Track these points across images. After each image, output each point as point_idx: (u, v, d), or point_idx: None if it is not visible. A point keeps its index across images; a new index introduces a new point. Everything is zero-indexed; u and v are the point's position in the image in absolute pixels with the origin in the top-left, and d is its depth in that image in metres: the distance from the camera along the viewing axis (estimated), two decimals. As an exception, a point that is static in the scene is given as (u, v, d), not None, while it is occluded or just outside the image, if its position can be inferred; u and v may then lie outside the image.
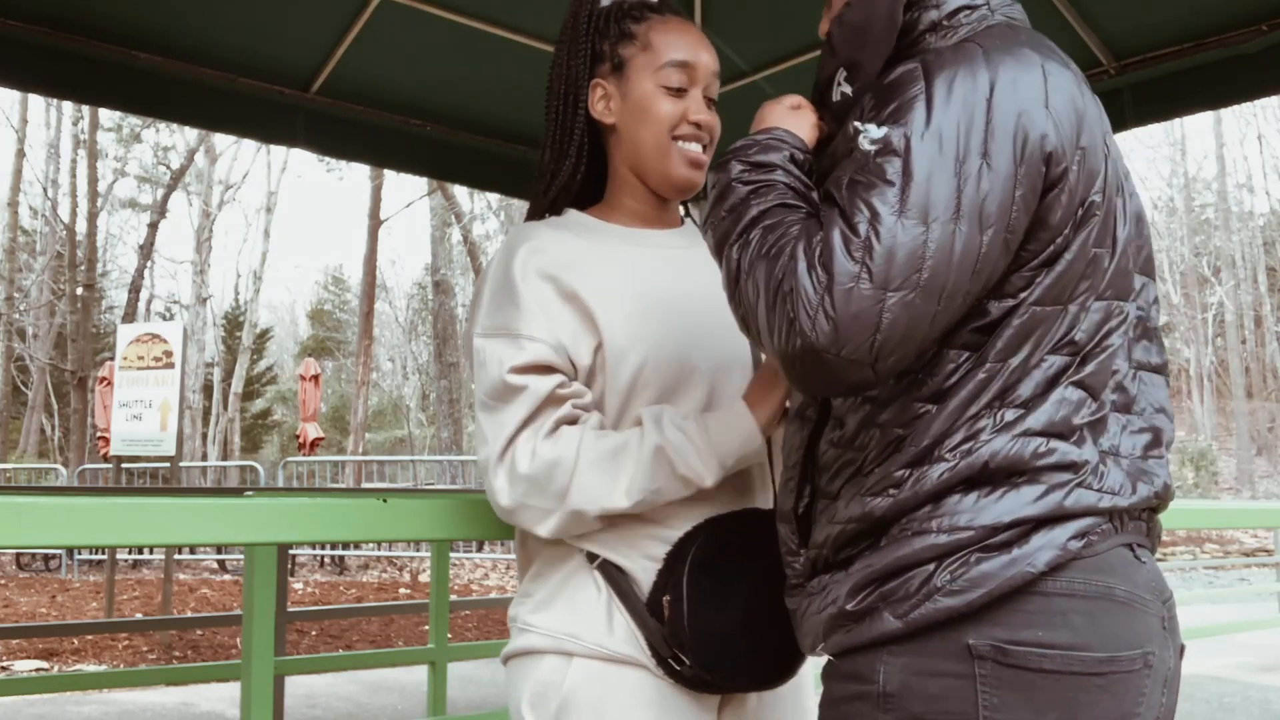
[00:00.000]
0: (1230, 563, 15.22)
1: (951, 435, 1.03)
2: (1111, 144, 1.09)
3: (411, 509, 1.41)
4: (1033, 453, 1.02)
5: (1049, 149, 0.99)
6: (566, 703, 1.29)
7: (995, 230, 0.97)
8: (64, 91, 5.17)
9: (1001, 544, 1.00)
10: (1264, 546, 16.43)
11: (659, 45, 1.41)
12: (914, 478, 1.04)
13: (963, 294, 0.98)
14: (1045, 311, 1.03)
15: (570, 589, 1.34)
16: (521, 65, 3.60)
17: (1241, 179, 35.99)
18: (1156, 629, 1.05)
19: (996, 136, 0.98)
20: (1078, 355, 1.05)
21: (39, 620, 8.86)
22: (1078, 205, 1.02)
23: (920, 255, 0.94)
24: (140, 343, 9.15)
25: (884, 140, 0.99)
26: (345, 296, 36.79)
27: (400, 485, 13.91)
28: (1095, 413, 1.07)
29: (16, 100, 22.31)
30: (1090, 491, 1.04)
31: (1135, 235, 1.13)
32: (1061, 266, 1.02)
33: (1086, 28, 3.19)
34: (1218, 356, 33.05)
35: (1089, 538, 1.02)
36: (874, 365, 0.95)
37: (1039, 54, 1.04)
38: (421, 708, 5.66)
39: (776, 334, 0.97)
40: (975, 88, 0.99)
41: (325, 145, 3.88)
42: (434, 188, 21.72)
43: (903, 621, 1.01)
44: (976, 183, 0.96)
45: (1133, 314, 1.12)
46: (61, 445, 26.06)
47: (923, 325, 0.96)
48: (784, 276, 0.97)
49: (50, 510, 1.13)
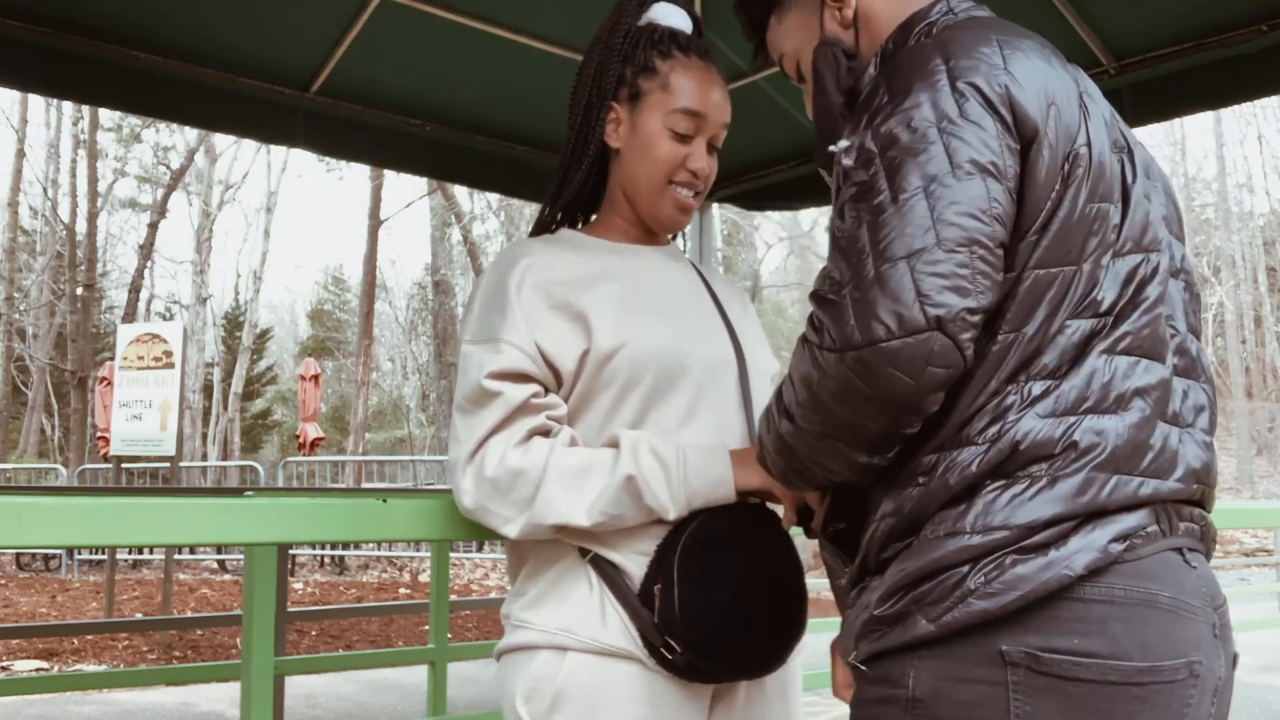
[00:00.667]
0: (1230, 563, 15.22)
1: (978, 416, 1.00)
2: (1095, 105, 1.08)
3: (411, 509, 1.41)
4: (1065, 433, 0.98)
5: (1018, 105, 1.00)
6: (560, 696, 1.31)
7: (995, 177, 0.97)
8: (64, 91, 5.17)
9: (1038, 545, 0.97)
10: (1264, 546, 16.44)
11: (676, 88, 1.45)
12: (944, 465, 1.01)
13: (990, 240, 0.96)
14: (1051, 274, 1.00)
15: (563, 585, 1.36)
16: (522, 65, 3.60)
17: (1241, 179, 36.01)
18: (1206, 637, 1.01)
19: (968, 100, 0.99)
20: (1109, 316, 1.02)
21: (39, 620, 8.86)
22: (1061, 160, 1.01)
23: (928, 213, 0.94)
24: (140, 343, 9.15)
25: (856, 147, 1.01)
26: (345, 296, 36.79)
27: (400, 485, 13.90)
28: (1157, 377, 1.03)
29: (16, 100, 22.32)
30: (1131, 478, 1.00)
31: (1155, 193, 1.13)
32: (1058, 225, 1.00)
33: (1086, 28, 3.19)
34: (1218, 356, 33.02)
35: (1131, 540, 0.99)
36: (942, 329, 0.92)
37: (994, 32, 1.06)
38: (421, 708, 5.66)
39: (830, 381, 0.96)
40: (935, 72, 1.01)
41: (325, 145, 3.88)
42: (434, 188, 21.72)
43: (935, 625, 0.98)
44: (963, 138, 0.97)
45: (1164, 265, 1.08)
46: (61, 445, 26.06)
47: (962, 274, 0.93)
48: (806, 347, 0.99)
49: (50, 510, 1.13)
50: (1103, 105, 1.10)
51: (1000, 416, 0.99)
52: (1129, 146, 1.10)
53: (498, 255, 1.46)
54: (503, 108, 3.89)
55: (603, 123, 1.47)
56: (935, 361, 0.93)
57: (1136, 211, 1.06)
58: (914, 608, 1.00)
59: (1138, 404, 1.01)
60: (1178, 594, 1.00)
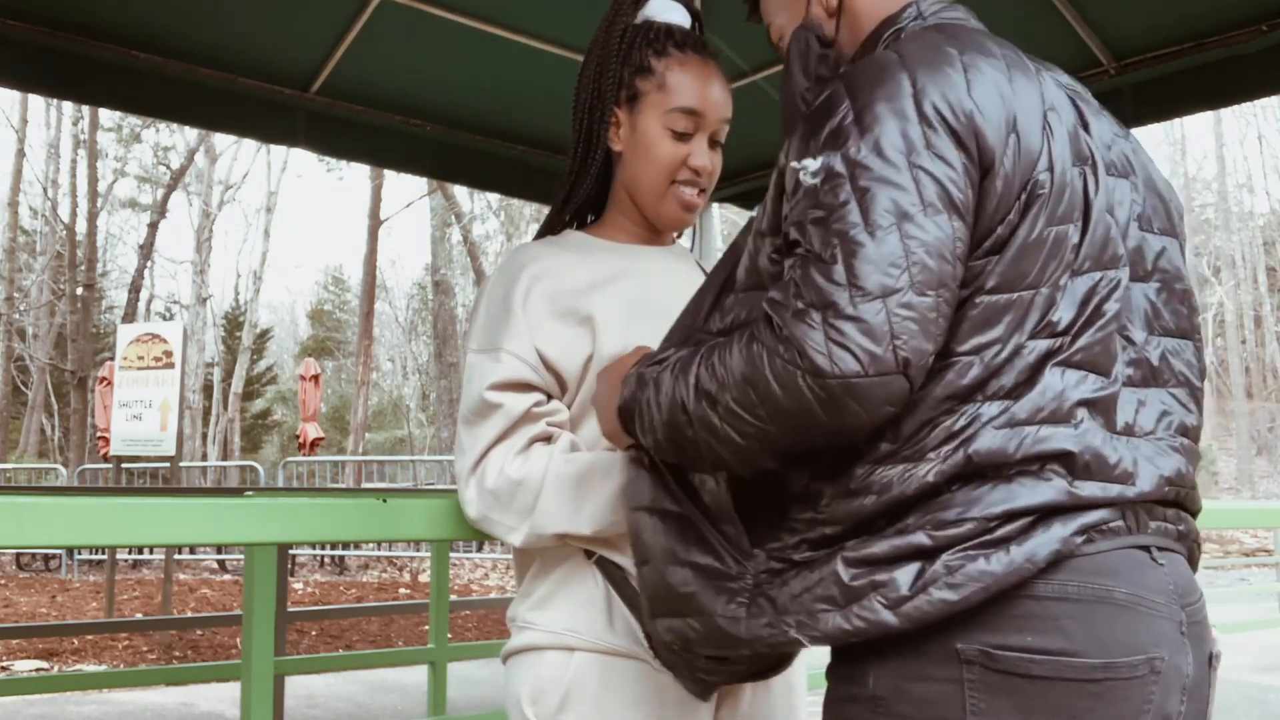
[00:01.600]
0: (1230, 563, 15.22)
1: (934, 433, 0.99)
2: (1060, 118, 1.06)
3: (411, 509, 1.41)
4: (1021, 443, 0.99)
5: (981, 136, 0.99)
6: (568, 697, 1.31)
7: (959, 214, 0.98)
8: (64, 91, 5.18)
9: (999, 540, 0.97)
10: (1264, 546, 16.44)
11: (673, 87, 1.43)
12: (898, 476, 1.00)
13: (953, 280, 0.97)
14: (1010, 299, 1.00)
15: (570, 586, 1.36)
16: (522, 65, 3.61)
17: (1241, 179, 36.01)
18: (1170, 634, 1.00)
19: (934, 127, 0.98)
20: (1066, 335, 1.02)
21: (39, 620, 8.86)
22: (1019, 189, 1.00)
23: (904, 254, 0.95)
24: (140, 343, 9.15)
25: (824, 169, 1.00)
26: (345, 296, 36.80)
27: (400, 485, 13.90)
28: (1101, 389, 1.03)
29: (16, 100, 22.33)
30: (1091, 482, 1.00)
31: (1125, 194, 1.12)
32: (1013, 251, 1.00)
33: (1086, 28, 3.19)
34: (1218, 356, 33.04)
35: (1090, 534, 0.99)
36: (905, 372, 0.94)
37: (957, 47, 1.05)
38: (421, 708, 5.66)
39: (785, 397, 0.96)
40: (899, 91, 1.00)
41: (325, 145, 3.88)
42: (434, 188, 21.72)
43: (895, 614, 0.97)
44: (930, 173, 0.97)
45: (1123, 280, 1.07)
46: (61, 445, 26.07)
47: (930, 318, 0.95)
48: (762, 351, 0.97)
49: (50, 510, 1.13)
50: (1067, 116, 1.08)
51: (956, 435, 0.99)
52: (1092, 156, 1.08)
53: (503, 261, 1.46)
54: (503, 108, 3.90)
55: (605, 126, 1.46)
56: (892, 400, 0.95)
57: (1097, 228, 1.05)
58: (872, 591, 0.98)
59: (1082, 413, 1.01)
60: (1136, 590, 0.99)
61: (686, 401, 1.04)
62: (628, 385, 1.14)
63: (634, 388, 1.13)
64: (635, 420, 1.12)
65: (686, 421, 1.04)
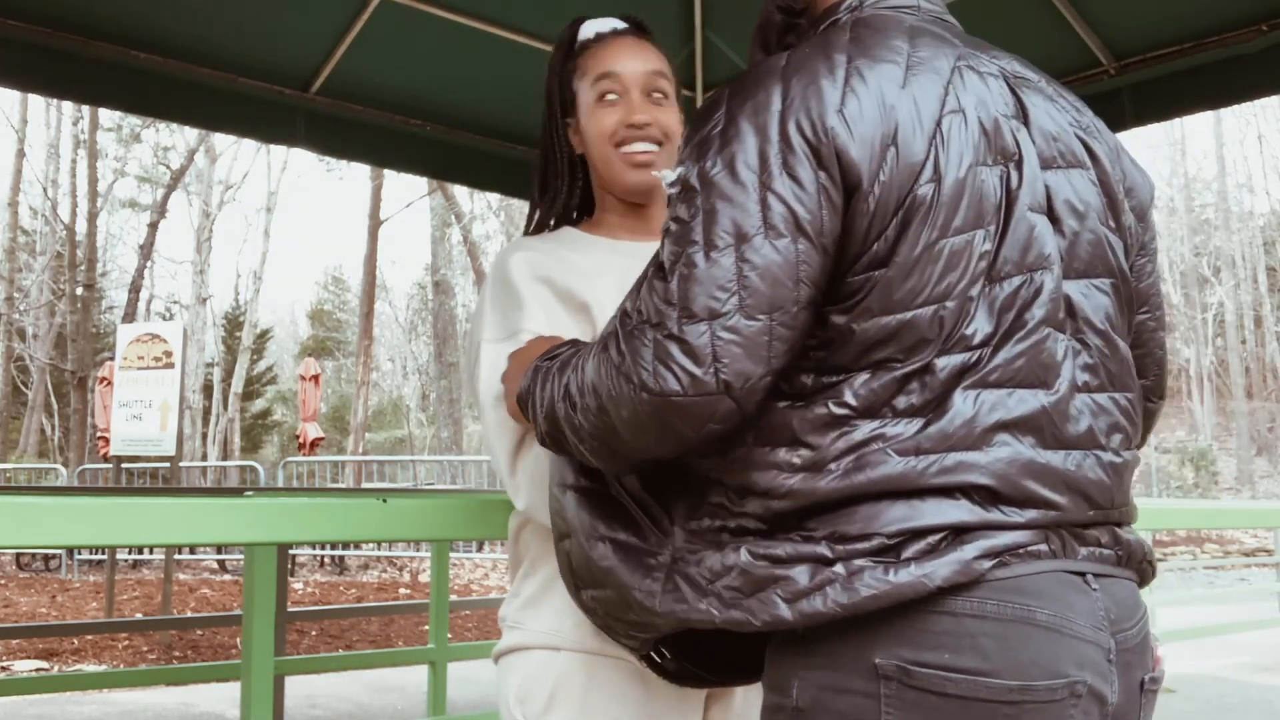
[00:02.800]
0: (1230, 563, 15.23)
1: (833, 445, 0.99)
2: (962, 123, 1.01)
3: (411, 509, 1.41)
4: (926, 470, 0.97)
5: (844, 154, 0.97)
6: (554, 697, 1.32)
7: (808, 237, 0.97)
8: (64, 91, 5.18)
9: (901, 557, 0.95)
10: (1264, 546, 16.43)
11: (589, 66, 1.48)
12: (805, 485, 0.99)
13: (794, 305, 0.97)
14: (904, 317, 0.98)
15: (558, 586, 1.34)
16: (522, 65, 3.61)
17: (1241, 179, 36.00)
18: (1095, 659, 0.97)
19: (792, 146, 0.97)
20: (984, 348, 0.99)
21: (39, 620, 8.86)
22: (896, 206, 0.98)
23: (735, 277, 0.95)
24: (140, 343, 9.15)
25: (681, 180, 1.02)
26: (345, 296, 36.80)
27: (400, 485, 13.91)
28: (1031, 406, 1.00)
29: (16, 100, 22.33)
30: (1006, 507, 0.97)
31: (1063, 191, 1.07)
32: (898, 268, 0.97)
33: (1086, 28, 3.19)
34: (1218, 356, 33.04)
35: (1003, 558, 0.96)
36: (730, 393, 0.95)
37: (849, 54, 1.02)
38: (421, 708, 5.66)
39: (621, 408, 0.99)
40: (768, 104, 1.00)
41: (325, 145, 3.88)
42: (434, 188, 21.72)
43: (791, 609, 0.97)
44: (779, 194, 0.96)
45: (1050, 283, 1.02)
46: (61, 445, 26.06)
47: (759, 343, 0.96)
48: (606, 361, 1.01)
49: (50, 510, 1.13)
50: (986, 112, 1.03)
51: (857, 448, 0.98)
52: (1019, 151, 1.04)
53: (496, 257, 1.47)
54: (503, 108, 3.89)
55: (565, 139, 1.51)
56: (717, 420, 0.97)
57: (1018, 229, 1.01)
58: (773, 585, 0.98)
59: (1003, 438, 0.98)
60: (1061, 612, 0.97)
61: (556, 401, 1.09)
62: (526, 376, 1.19)
63: (529, 379, 1.17)
64: (528, 409, 1.17)
65: (556, 419, 1.09)
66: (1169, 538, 17.03)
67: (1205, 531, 17.36)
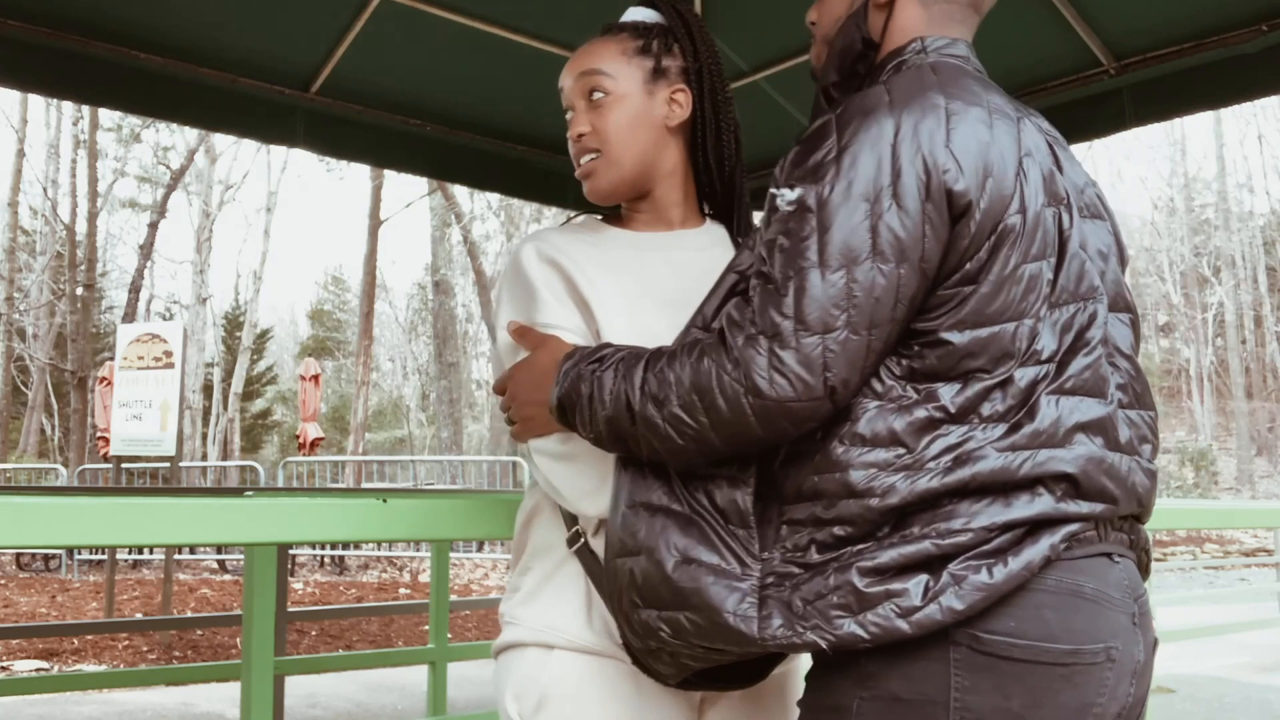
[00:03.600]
0: (1230, 563, 15.23)
1: (930, 446, 1.09)
2: (1034, 163, 1.14)
3: (411, 509, 1.41)
4: (1023, 465, 1.08)
5: (952, 185, 1.08)
6: (546, 695, 1.31)
7: (911, 263, 1.07)
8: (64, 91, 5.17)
9: (996, 550, 1.07)
10: (1264, 546, 16.44)
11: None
12: (906, 484, 1.08)
13: (889, 322, 1.08)
14: (993, 331, 1.09)
15: (555, 582, 1.36)
16: (522, 65, 3.61)
17: (1241, 179, 35.99)
18: (1125, 625, 1.11)
19: (903, 178, 1.07)
20: (1051, 362, 1.11)
21: (39, 620, 8.86)
22: (990, 231, 1.09)
23: (845, 296, 1.06)
24: (140, 343, 9.15)
25: (798, 201, 1.11)
26: (345, 296, 36.81)
27: (400, 485, 13.91)
28: (1098, 413, 1.13)
29: (16, 100, 22.32)
30: (1078, 501, 1.10)
31: (1095, 234, 1.21)
32: (988, 286, 1.09)
33: (1086, 28, 3.19)
34: (1218, 356, 33.03)
35: (1071, 542, 1.10)
36: (832, 398, 1.07)
37: (945, 95, 1.13)
38: (421, 708, 5.66)
39: (727, 410, 1.09)
40: (881, 136, 1.09)
41: (325, 145, 3.88)
42: (434, 188, 21.72)
43: (908, 622, 1.05)
44: (888, 223, 1.07)
45: (1101, 311, 1.17)
46: (61, 445, 26.07)
47: (860, 355, 1.07)
48: (712, 366, 1.10)
49: (50, 510, 1.13)
50: (1044, 160, 1.16)
51: (954, 449, 1.08)
52: (1067, 197, 1.17)
53: (515, 247, 1.45)
54: (503, 108, 3.90)
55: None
56: (817, 420, 1.09)
57: (1072, 264, 1.15)
58: (887, 600, 1.06)
59: (1080, 438, 1.11)
60: (1101, 586, 1.11)
61: (633, 401, 1.15)
62: (566, 380, 1.23)
63: (574, 382, 1.22)
64: (575, 413, 1.22)
65: (630, 418, 1.16)
66: (1169, 538, 17.04)
67: (1205, 531, 17.36)
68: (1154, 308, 34.85)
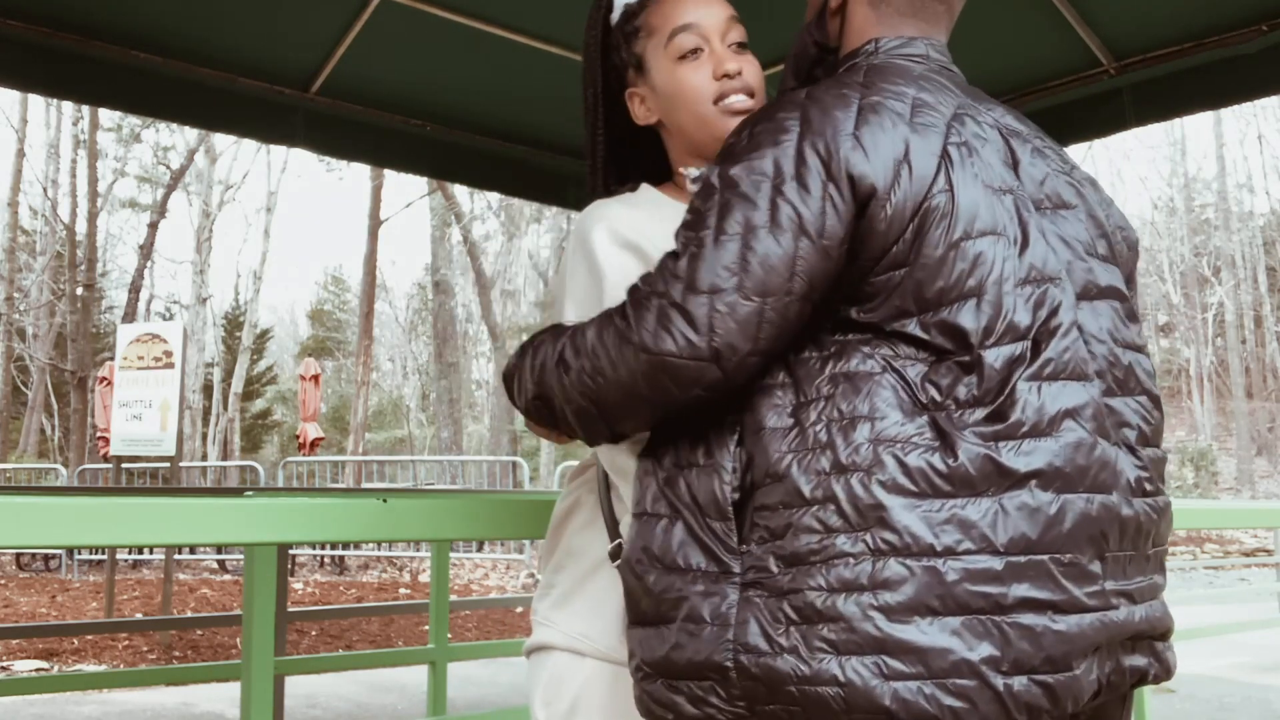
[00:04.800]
0: (1230, 563, 15.22)
1: (906, 430, 1.04)
2: (968, 152, 1.12)
3: (411, 509, 1.41)
4: (1003, 454, 1.03)
5: (854, 168, 1.08)
6: (576, 704, 1.29)
7: (810, 238, 1.07)
8: (64, 91, 5.17)
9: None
10: (1264, 546, 16.43)
11: (659, 24, 1.38)
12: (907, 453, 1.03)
13: (785, 294, 1.07)
14: (946, 313, 1.06)
15: (590, 586, 1.33)
16: (522, 65, 3.60)
17: (1241, 179, 35.98)
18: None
19: (806, 160, 1.09)
20: (1027, 340, 1.07)
21: (39, 620, 8.86)
22: (911, 213, 1.08)
23: (738, 260, 1.07)
24: (140, 343, 9.14)
25: (702, 178, 1.16)
26: (345, 296, 36.79)
27: (400, 485, 13.90)
28: (1083, 397, 1.08)
29: (16, 100, 22.30)
30: (1074, 494, 1.05)
31: (1066, 223, 1.18)
32: (923, 270, 1.07)
33: (1086, 28, 3.18)
34: (1218, 356, 33.02)
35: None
36: (718, 362, 1.07)
37: (863, 89, 1.15)
38: (421, 708, 5.66)
39: (616, 365, 1.11)
40: (787, 125, 1.12)
41: (325, 145, 3.88)
42: (434, 188, 21.72)
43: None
44: (788, 198, 1.08)
45: (1068, 295, 1.12)
46: (61, 445, 26.06)
47: (751, 322, 1.06)
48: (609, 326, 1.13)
49: (50, 510, 1.13)
50: (991, 151, 1.15)
51: (929, 430, 1.03)
52: (1018, 188, 1.15)
53: (578, 221, 1.38)
54: (503, 108, 3.89)
55: (623, 114, 1.43)
56: (704, 386, 1.08)
57: (1035, 247, 1.12)
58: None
59: (1069, 424, 1.06)
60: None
61: (548, 367, 1.19)
62: (515, 354, 1.27)
63: (518, 356, 1.27)
64: (514, 385, 1.26)
65: (546, 384, 1.20)
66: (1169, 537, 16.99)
67: (1205, 531, 17.35)
68: (1154, 308, 34.83)
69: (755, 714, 1.02)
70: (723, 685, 1.02)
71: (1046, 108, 3.35)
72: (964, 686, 0.96)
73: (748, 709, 1.02)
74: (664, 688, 1.07)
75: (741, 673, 1.01)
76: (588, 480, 1.40)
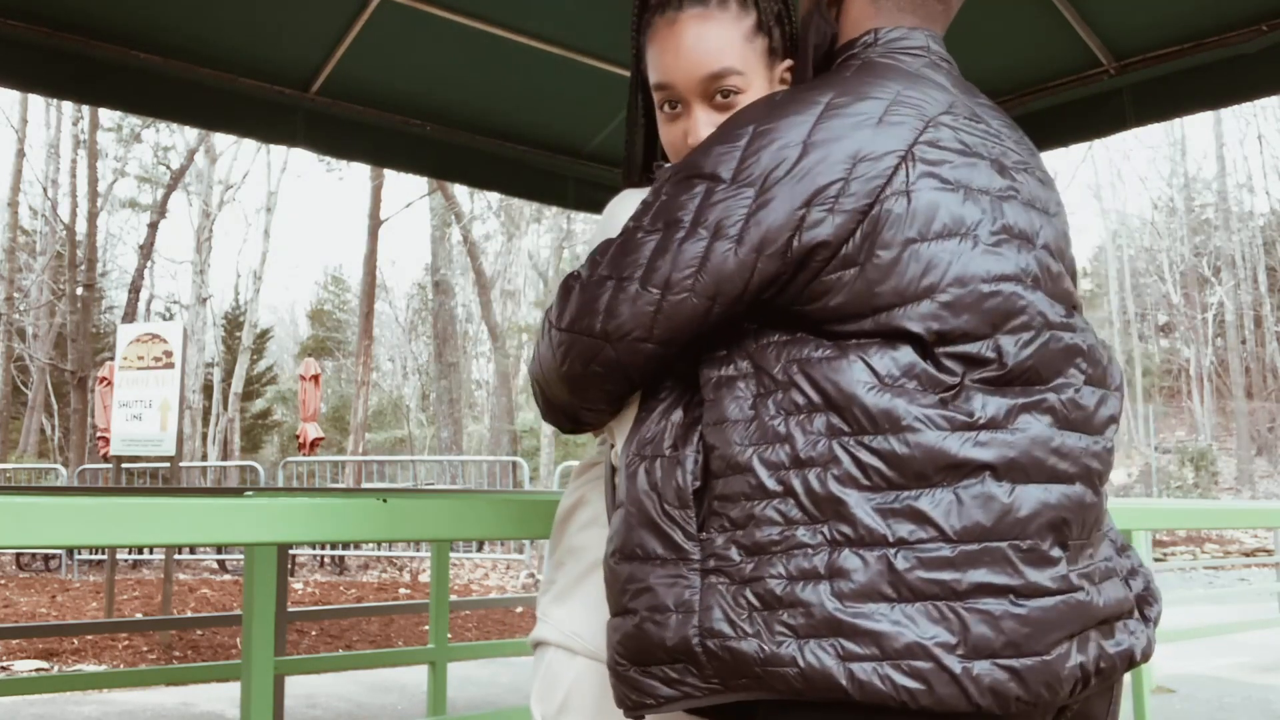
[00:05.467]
0: (1230, 563, 15.21)
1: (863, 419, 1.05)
2: (935, 152, 1.11)
3: (411, 509, 1.41)
4: (960, 446, 1.04)
5: (800, 172, 1.09)
6: (567, 701, 1.30)
7: (728, 240, 1.09)
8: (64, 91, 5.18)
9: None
10: (1264, 546, 16.43)
11: (649, 63, 1.33)
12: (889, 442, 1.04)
13: (680, 292, 1.10)
14: (897, 314, 1.06)
15: (586, 585, 1.34)
16: (522, 65, 3.60)
17: (1241, 179, 35.99)
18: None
19: (747, 165, 1.10)
20: (986, 340, 1.08)
21: (39, 620, 8.86)
22: (859, 214, 1.08)
23: (647, 255, 1.11)
24: (140, 343, 9.14)
25: (656, 176, 1.23)
26: (345, 296, 36.80)
27: (400, 485, 13.90)
28: (1045, 391, 1.10)
29: (16, 100, 22.31)
30: (1029, 485, 1.09)
31: (1041, 228, 1.18)
32: (875, 271, 1.07)
33: (1086, 28, 3.18)
34: (1218, 356, 33.01)
35: None
36: (609, 341, 1.13)
37: (833, 90, 1.14)
38: (421, 708, 5.66)
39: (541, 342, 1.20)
40: (741, 133, 1.13)
41: (325, 145, 3.88)
42: (434, 188, 21.71)
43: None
44: (712, 203, 1.10)
45: (1037, 293, 1.13)
46: (61, 445, 26.06)
47: (646, 310, 1.11)
48: (546, 315, 1.21)
49: (50, 510, 1.13)
50: (971, 146, 1.15)
51: (885, 422, 1.04)
52: (990, 188, 1.15)
53: (608, 207, 1.37)
54: (503, 108, 3.89)
55: (643, 100, 1.41)
56: (598, 364, 1.15)
57: (999, 247, 1.12)
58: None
59: (1025, 419, 1.07)
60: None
61: (530, 368, 1.29)
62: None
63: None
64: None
65: (531, 377, 1.29)
66: (1169, 538, 17.03)
67: (1205, 531, 17.36)
68: (1154, 308, 34.82)
69: (730, 688, 1.05)
70: (695, 666, 1.05)
71: (1046, 108, 3.35)
72: (919, 668, 0.98)
73: (722, 684, 1.05)
74: (638, 674, 1.09)
75: (710, 655, 1.04)
76: (592, 478, 1.40)
